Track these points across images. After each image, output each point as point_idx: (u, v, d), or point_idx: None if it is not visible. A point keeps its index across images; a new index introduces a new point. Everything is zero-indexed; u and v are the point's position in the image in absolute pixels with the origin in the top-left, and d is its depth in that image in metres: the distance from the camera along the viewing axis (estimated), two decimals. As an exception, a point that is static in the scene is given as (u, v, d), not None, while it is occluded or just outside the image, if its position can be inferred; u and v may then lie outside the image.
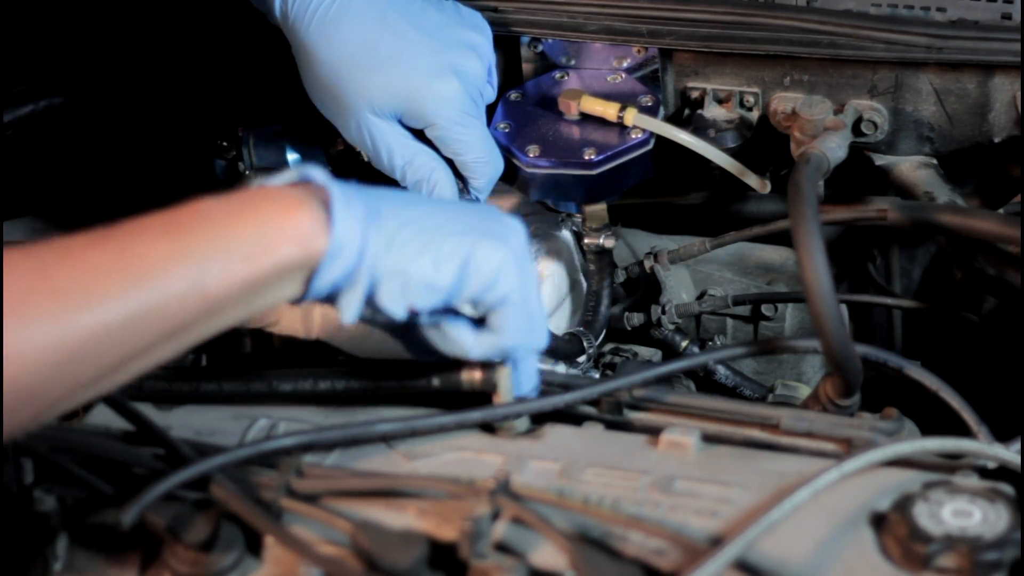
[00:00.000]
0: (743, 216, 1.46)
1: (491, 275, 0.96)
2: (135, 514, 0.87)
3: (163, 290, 0.84)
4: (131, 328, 0.83)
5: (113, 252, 0.84)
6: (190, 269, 0.85)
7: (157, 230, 0.86)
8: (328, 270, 0.91)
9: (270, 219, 0.89)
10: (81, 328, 0.81)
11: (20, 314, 0.80)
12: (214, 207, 0.89)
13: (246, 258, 0.87)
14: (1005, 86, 1.24)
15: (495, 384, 0.99)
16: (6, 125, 1.48)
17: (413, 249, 0.94)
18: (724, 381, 1.30)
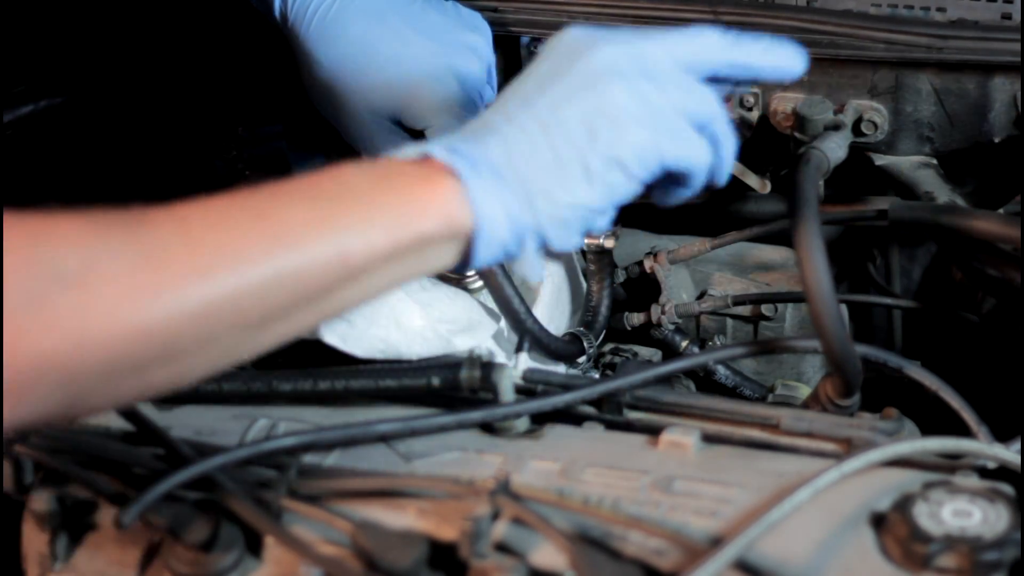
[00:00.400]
0: (743, 216, 1.46)
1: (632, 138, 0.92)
2: (135, 514, 0.87)
3: (303, 255, 0.83)
4: (271, 290, 0.82)
5: (254, 213, 0.83)
6: (331, 236, 0.84)
7: (298, 195, 0.85)
8: (484, 247, 0.90)
9: (411, 192, 0.88)
10: (221, 287, 0.80)
11: (160, 269, 0.79)
12: (355, 176, 0.88)
13: (387, 229, 0.86)
14: (1005, 86, 1.24)
15: (495, 384, 0.99)
16: (6, 125, 1.48)
17: (558, 193, 0.91)
18: (724, 381, 1.30)
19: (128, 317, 0.78)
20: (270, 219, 0.83)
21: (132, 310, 0.78)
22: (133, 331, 0.78)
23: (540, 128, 0.92)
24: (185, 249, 0.80)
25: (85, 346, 0.77)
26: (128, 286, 0.78)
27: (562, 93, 0.93)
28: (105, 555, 0.93)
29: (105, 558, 0.93)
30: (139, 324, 0.78)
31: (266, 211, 0.83)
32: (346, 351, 1.10)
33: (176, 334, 0.80)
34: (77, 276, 0.77)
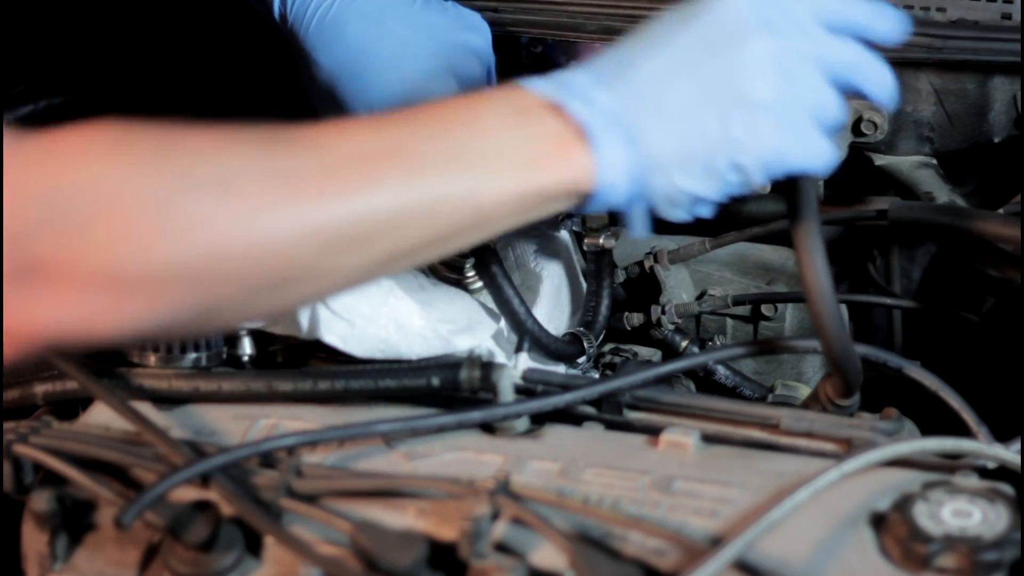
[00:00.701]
0: (743, 216, 1.46)
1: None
2: (135, 514, 0.87)
3: (437, 191, 0.84)
4: (401, 225, 0.83)
5: (389, 144, 0.83)
6: (464, 176, 0.85)
7: (433, 130, 0.85)
8: (596, 206, 0.91)
9: (546, 140, 0.88)
10: (354, 214, 0.81)
11: (297, 188, 0.79)
12: (492, 114, 0.88)
13: (517, 180, 0.87)
14: (1005, 86, 1.24)
15: (495, 384, 0.99)
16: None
17: (677, 177, 0.91)
18: (724, 381, 1.30)
19: (262, 231, 0.78)
20: (406, 154, 0.83)
21: (267, 225, 0.78)
22: (267, 246, 0.78)
23: (675, 115, 0.91)
24: (322, 172, 0.81)
25: (218, 257, 0.78)
26: (264, 201, 0.78)
27: (700, 84, 0.91)
28: (105, 555, 0.93)
29: (105, 558, 0.93)
30: (273, 240, 0.79)
31: (403, 145, 0.83)
32: (346, 351, 1.10)
33: (307, 254, 0.80)
34: (212, 187, 0.78)
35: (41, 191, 0.76)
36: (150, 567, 0.92)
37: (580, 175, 0.89)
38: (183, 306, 0.79)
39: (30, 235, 0.76)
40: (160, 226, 0.76)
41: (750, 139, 0.91)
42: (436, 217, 0.84)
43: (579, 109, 0.90)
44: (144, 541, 0.92)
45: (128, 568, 0.92)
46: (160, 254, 0.77)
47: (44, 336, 0.78)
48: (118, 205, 0.76)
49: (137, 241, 0.76)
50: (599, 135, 0.89)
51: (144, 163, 0.77)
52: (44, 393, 1.05)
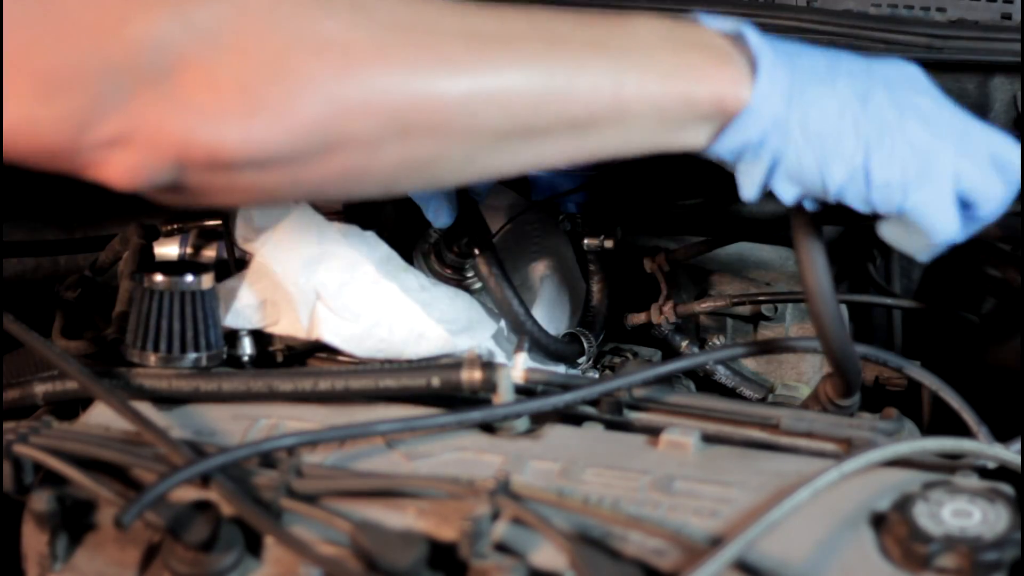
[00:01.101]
0: (743, 216, 1.46)
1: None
2: (135, 514, 0.87)
3: (579, 75, 0.84)
4: (540, 100, 0.83)
5: (535, 23, 0.84)
6: (609, 66, 0.84)
7: (581, 24, 0.86)
8: (739, 130, 0.90)
9: (696, 59, 0.89)
10: (493, 80, 0.82)
11: (432, 48, 0.80)
12: (644, 31, 0.88)
13: (664, 79, 0.87)
14: (1005, 86, 1.24)
15: (495, 384, 0.99)
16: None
17: (828, 141, 0.91)
18: (724, 381, 1.30)
19: (395, 89, 0.79)
20: (552, 33, 0.83)
21: (398, 83, 0.79)
22: (423, 97, 0.80)
23: (838, 97, 0.91)
24: (462, 36, 0.81)
25: (346, 113, 0.79)
26: (392, 60, 0.79)
27: (876, 100, 0.92)
28: (105, 555, 0.93)
29: (105, 558, 0.93)
30: (406, 95, 0.80)
31: (549, 26, 0.84)
32: (346, 351, 1.10)
33: (441, 113, 0.81)
34: (336, 45, 0.78)
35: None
36: (150, 567, 0.92)
37: (732, 91, 0.89)
38: (315, 134, 0.79)
39: (165, 40, 0.75)
40: (282, 89, 0.77)
41: (889, 160, 0.91)
42: (576, 100, 0.84)
43: (755, 38, 0.90)
44: (144, 541, 0.92)
45: (128, 568, 0.92)
46: (290, 114, 0.78)
47: (174, 145, 0.78)
48: (322, 43, 0.78)
49: (283, 65, 0.77)
50: (766, 60, 0.89)
51: (260, 21, 0.78)
52: (44, 393, 1.05)
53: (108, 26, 0.76)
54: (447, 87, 0.81)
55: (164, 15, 0.76)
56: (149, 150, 0.78)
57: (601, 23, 0.88)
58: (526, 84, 0.83)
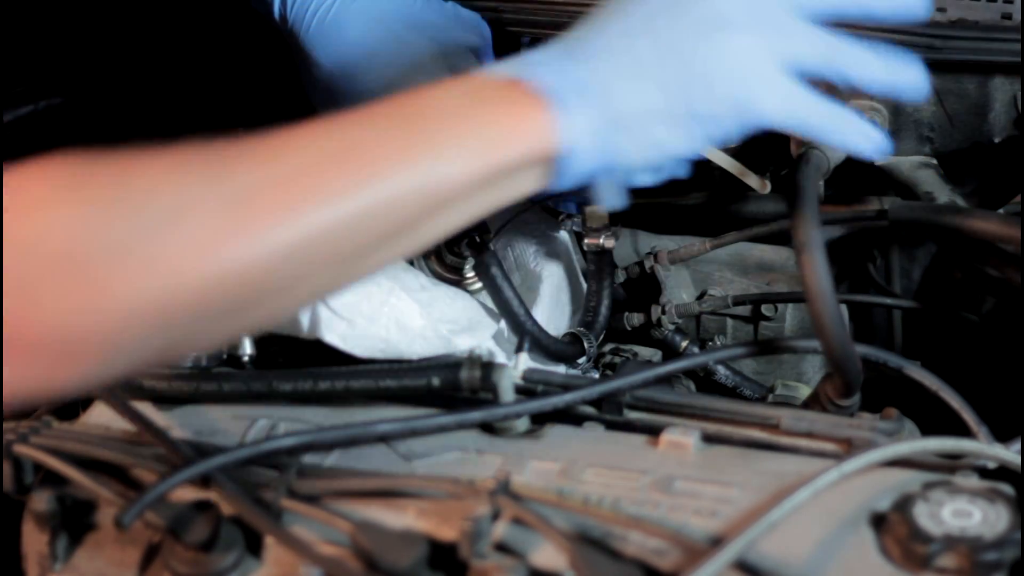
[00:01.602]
0: (743, 216, 1.46)
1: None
2: (135, 514, 0.87)
3: (393, 187, 0.81)
4: (361, 224, 0.80)
5: (342, 145, 0.81)
6: (423, 164, 0.82)
7: (388, 121, 0.83)
8: (569, 167, 0.88)
9: (502, 113, 0.86)
10: (312, 224, 0.78)
11: (251, 208, 0.77)
12: (442, 98, 0.86)
13: (479, 153, 0.84)
14: (1005, 86, 1.24)
15: (495, 384, 0.99)
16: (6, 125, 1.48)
17: (648, 118, 0.89)
18: (724, 381, 1.30)
19: (222, 258, 0.76)
20: (358, 150, 0.81)
21: (226, 251, 0.76)
22: (227, 272, 0.76)
23: (637, 69, 0.89)
24: (275, 187, 0.78)
25: (180, 289, 0.75)
26: (220, 226, 0.76)
27: (672, 37, 0.89)
28: (105, 555, 0.93)
29: (105, 558, 0.93)
30: (233, 265, 0.76)
31: (354, 142, 0.81)
32: (346, 351, 1.10)
33: (269, 273, 0.78)
34: (168, 218, 0.75)
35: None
36: (150, 567, 0.92)
37: (544, 142, 0.86)
38: (144, 348, 0.77)
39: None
40: (114, 274, 0.74)
41: (716, 83, 0.89)
42: (397, 210, 0.82)
43: (539, 75, 0.87)
44: (144, 541, 0.92)
45: (128, 568, 0.92)
46: (116, 303, 0.75)
47: (5, 396, 0.76)
48: (69, 258, 0.74)
49: (90, 294, 0.74)
50: (561, 95, 0.87)
51: (95, 205, 0.75)
52: (44, 393, 1.05)
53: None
54: (268, 251, 0.78)
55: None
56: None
57: (398, 115, 0.84)
58: (344, 220, 0.80)
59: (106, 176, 0.76)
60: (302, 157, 0.80)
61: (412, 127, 0.84)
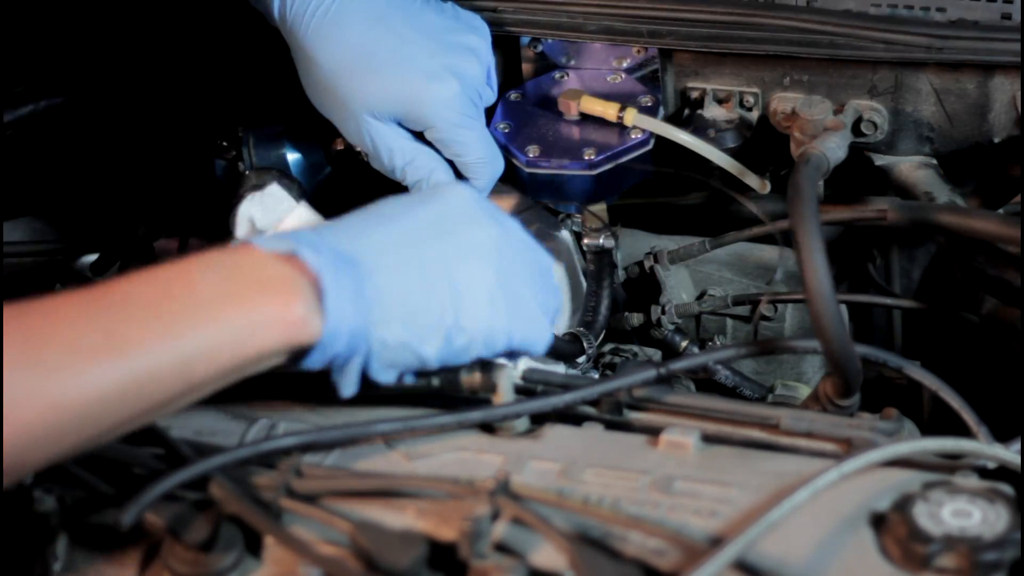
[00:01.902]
0: (743, 216, 1.46)
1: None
2: (135, 514, 0.87)
3: (148, 374, 0.86)
4: (115, 402, 0.85)
5: (103, 331, 0.85)
6: (178, 357, 0.87)
7: (147, 309, 0.87)
8: (319, 353, 0.92)
9: (260, 307, 0.90)
10: (66, 400, 0.83)
11: (12, 382, 0.82)
12: (207, 283, 0.90)
13: (233, 347, 0.89)
14: (1005, 86, 1.24)
15: (495, 384, 0.99)
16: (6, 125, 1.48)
17: (402, 328, 0.95)
18: (724, 381, 1.30)
19: (16, 405, 0.82)
20: (116, 336, 0.85)
21: (19, 399, 0.82)
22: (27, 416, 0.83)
23: (415, 279, 0.96)
24: (32, 367, 0.83)
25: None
26: (14, 381, 0.82)
27: (442, 254, 0.98)
28: (105, 555, 0.93)
29: (105, 558, 0.93)
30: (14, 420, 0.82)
31: (114, 327, 0.86)
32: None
33: (40, 430, 0.83)
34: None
35: None
36: (150, 567, 0.92)
37: (300, 327, 0.90)
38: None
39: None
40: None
41: (470, 312, 0.97)
42: (150, 393, 0.86)
43: (312, 258, 0.91)
44: (144, 541, 0.92)
45: (128, 568, 0.92)
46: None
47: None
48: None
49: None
50: (328, 280, 0.91)
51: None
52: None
53: None
54: (28, 419, 0.83)
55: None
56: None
57: (165, 298, 0.89)
58: (97, 399, 0.85)
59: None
60: (61, 340, 0.84)
61: (170, 319, 0.88)
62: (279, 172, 1.38)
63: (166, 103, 1.50)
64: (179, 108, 1.50)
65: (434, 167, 1.26)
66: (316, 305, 0.91)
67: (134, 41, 1.51)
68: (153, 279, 0.90)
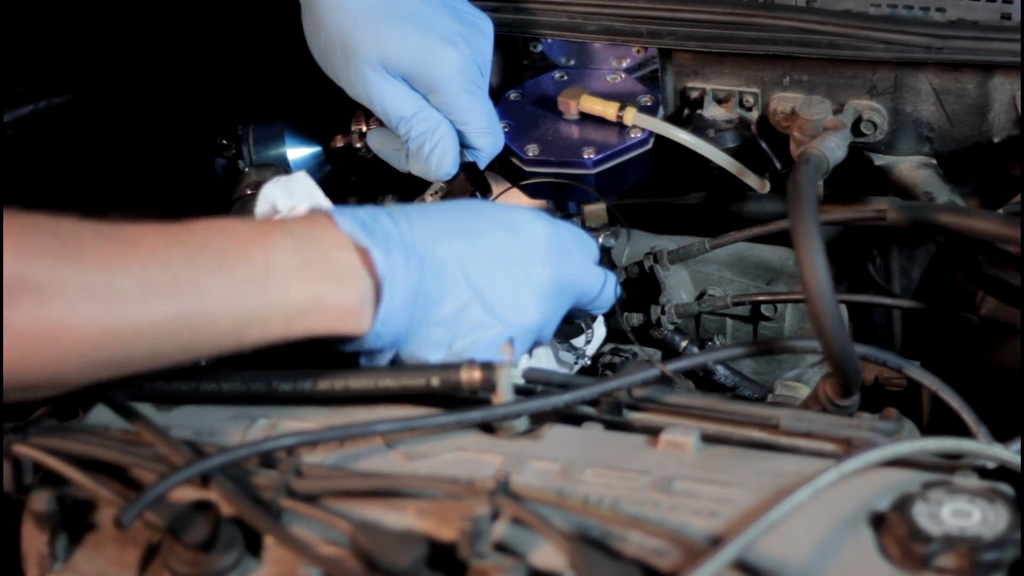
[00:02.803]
0: (743, 216, 1.46)
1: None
2: (135, 514, 0.87)
3: (206, 324, 0.91)
4: (164, 341, 0.90)
5: (173, 274, 0.90)
6: (236, 316, 0.92)
7: (219, 263, 0.92)
8: (354, 347, 0.99)
9: (322, 293, 0.95)
10: (124, 327, 0.88)
11: (105, 296, 0.87)
12: (278, 256, 0.94)
13: (286, 321, 0.95)
14: (1004, 86, 1.24)
15: (494, 384, 0.99)
16: (6, 125, 1.48)
17: (443, 331, 1.04)
18: (724, 381, 1.30)
19: (76, 327, 0.87)
20: (184, 281, 0.90)
21: (80, 321, 0.87)
22: (80, 337, 0.87)
23: (462, 282, 1.04)
24: (103, 290, 0.87)
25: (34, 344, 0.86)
26: (81, 302, 0.87)
27: (504, 257, 1.07)
28: (105, 555, 0.93)
29: (105, 558, 0.93)
30: (86, 333, 0.87)
31: (183, 271, 0.90)
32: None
33: (91, 351, 0.88)
34: (44, 293, 0.85)
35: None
36: (150, 567, 0.92)
37: (353, 325, 0.98)
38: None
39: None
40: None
41: (517, 310, 1.07)
42: (202, 343, 0.92)
43: (381, 259, 0.98)
44: (144, 541, 0.92)
45: (128, 568, 0.92)
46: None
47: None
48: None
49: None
50: (388, 286, 0.98)
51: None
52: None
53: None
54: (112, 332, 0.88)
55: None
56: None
57: (235, 255, 0.93)
58: (152, 328, 0.90)
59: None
60: (130, 271, 0.89)
61: (236, 277, 0.93)
62: (279, 170, 1.39)
63: (166, 102, 1.50)
64: (179, 106, 1.50)
65: (437, 124, 1.26)
66: (372, 304, 0.97)
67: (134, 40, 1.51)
68: (233, 234, 0.94)
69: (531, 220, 1.11)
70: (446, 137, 1.25)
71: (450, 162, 1.26)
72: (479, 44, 1.27)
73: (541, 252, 1.09)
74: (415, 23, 1.24)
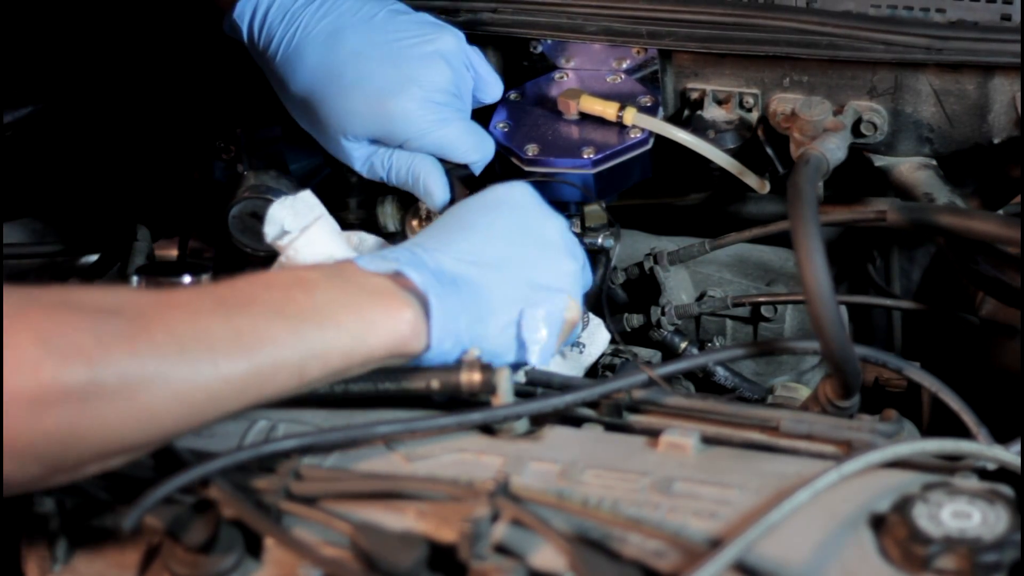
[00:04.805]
0: (743, 217, 1.46)
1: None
2: (136, 517, 0.87)
3: (273, 370, 0.92)
4: (234, 394, 0.91)
5: (233, 329, 0.91)
6: (297, 356, 0.93)
7: (272, 312, 0.94)
8: (422, 360, 1.01)
9: (374, 316, 0.98)
10: (196, 386, 0.89)
11: (158, 370, 0.87)
12: (322, 294, 0.97)
13: (345, 351, 0.96)
14: (1004, 87, 1.24)
15: (494, 386, 0.99)
16: (6, 125, 1.48)
17: (500, 335, 1.06)
18: (723, 382, 1.30)
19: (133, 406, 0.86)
20: (245, 334, 0.92)
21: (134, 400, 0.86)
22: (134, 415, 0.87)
23: (507, 293, 1.07)
24: (174, 353, 0.88)
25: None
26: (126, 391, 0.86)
27: (525, 256, 1.09)
28: (104, 557, 0.93)
29: (104, 560, 0.93)
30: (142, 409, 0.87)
31: (242, 325, 0.92)
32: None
33: (166, 413, 0.88)
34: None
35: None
36: (150, 569, 0.92)
37: (410, 339, 0.99)
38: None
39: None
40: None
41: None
42: (267, 388, 0.93)
43: (417, 276, 1.01)
44: (144, 543, 0.92)
45: (128, 570, 0.92)
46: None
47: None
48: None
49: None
50: (433, 297, 1.00)
51: (17, 353, 0.83)
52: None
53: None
54: (176, 392, 0.88)
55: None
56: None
57: (284, 301, 0.95)
58: (229, 387, 0.91)
59: (25, 331, 0.84)
60: (197, 338, 0.90)
61: (294, 320, 0.94)
62: (277, 173, 1.39)
63: (165, 104, 1.50)
64: (178, 109, 1.50)
65: (411, 162, 1.28)
66: (423, 319, 1.00)
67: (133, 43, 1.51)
68: (275, 284, 0.97)
69: (509, 191, 1.15)
70: (423, 173, 1.27)
71: (439, 193, 1.27)
72: (432, 75, 1.26)
73: (536, 211, 1.13)
74: (357, 87, 1.25)
